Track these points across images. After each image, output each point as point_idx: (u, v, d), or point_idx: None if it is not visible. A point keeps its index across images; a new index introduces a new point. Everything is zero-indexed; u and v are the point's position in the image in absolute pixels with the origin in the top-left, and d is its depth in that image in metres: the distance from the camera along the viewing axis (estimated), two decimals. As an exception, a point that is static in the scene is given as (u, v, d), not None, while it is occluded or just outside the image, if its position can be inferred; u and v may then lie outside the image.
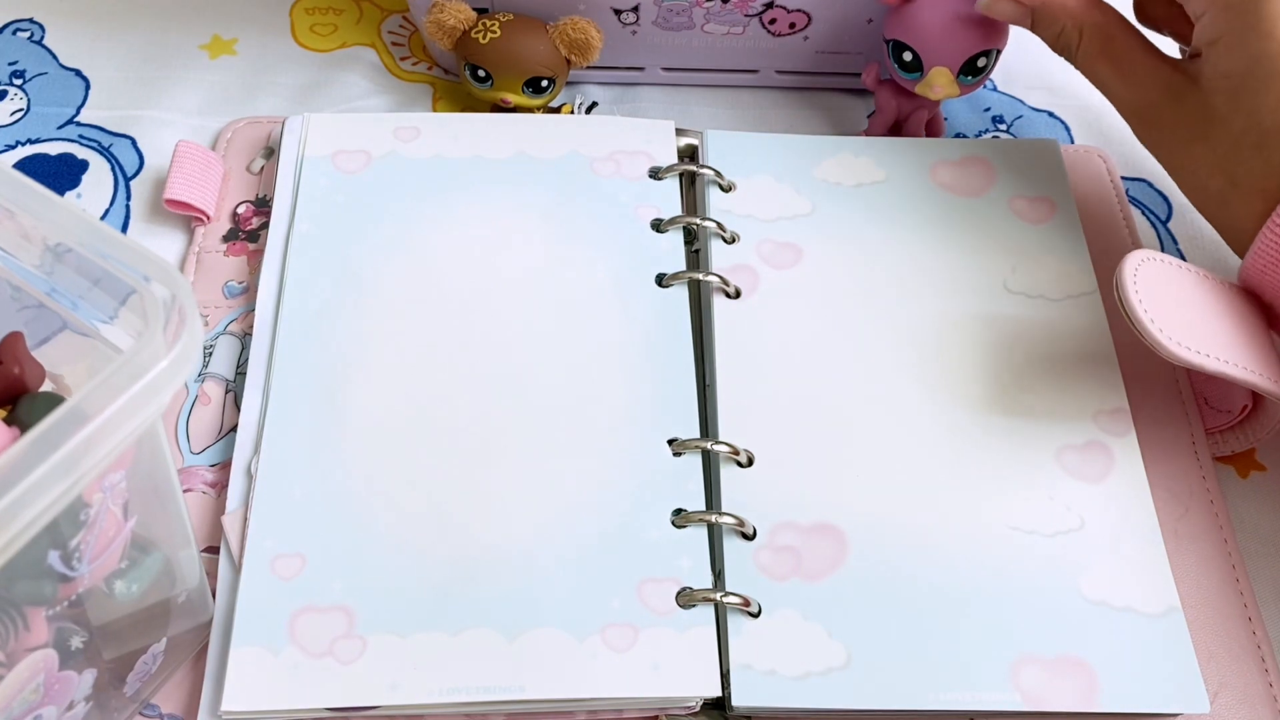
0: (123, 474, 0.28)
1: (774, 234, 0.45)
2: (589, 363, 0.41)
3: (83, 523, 0.27)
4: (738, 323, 0.43)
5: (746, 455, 0.40)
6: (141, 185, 0.48)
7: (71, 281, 0.28)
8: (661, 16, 0.49)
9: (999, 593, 0.37)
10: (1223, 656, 0.38)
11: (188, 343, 0.25)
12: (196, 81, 0.52)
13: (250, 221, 0.47)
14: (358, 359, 0.41)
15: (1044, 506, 0.39)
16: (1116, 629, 0.37)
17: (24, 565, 0.23)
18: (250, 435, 0.40)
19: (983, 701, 0.35)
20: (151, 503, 0.30)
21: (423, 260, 0.44)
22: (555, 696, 0.35)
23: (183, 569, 0.33)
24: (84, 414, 0.24)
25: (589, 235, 0.45)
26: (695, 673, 0.35)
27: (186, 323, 0.26)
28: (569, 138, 0.47)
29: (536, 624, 0.36)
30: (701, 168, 0.46)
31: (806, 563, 0.38)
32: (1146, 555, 0.38)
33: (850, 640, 0.36)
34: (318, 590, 0.36)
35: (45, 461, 0.23)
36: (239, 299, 0.44)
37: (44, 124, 0.50)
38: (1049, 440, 0.41)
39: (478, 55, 0.48)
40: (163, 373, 0.25)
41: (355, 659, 0.35)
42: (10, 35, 0.53)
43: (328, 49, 0.54)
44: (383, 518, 0.38)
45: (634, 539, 0.38)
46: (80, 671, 0.30)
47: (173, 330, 0.25)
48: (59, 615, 0.28)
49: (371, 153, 0.46)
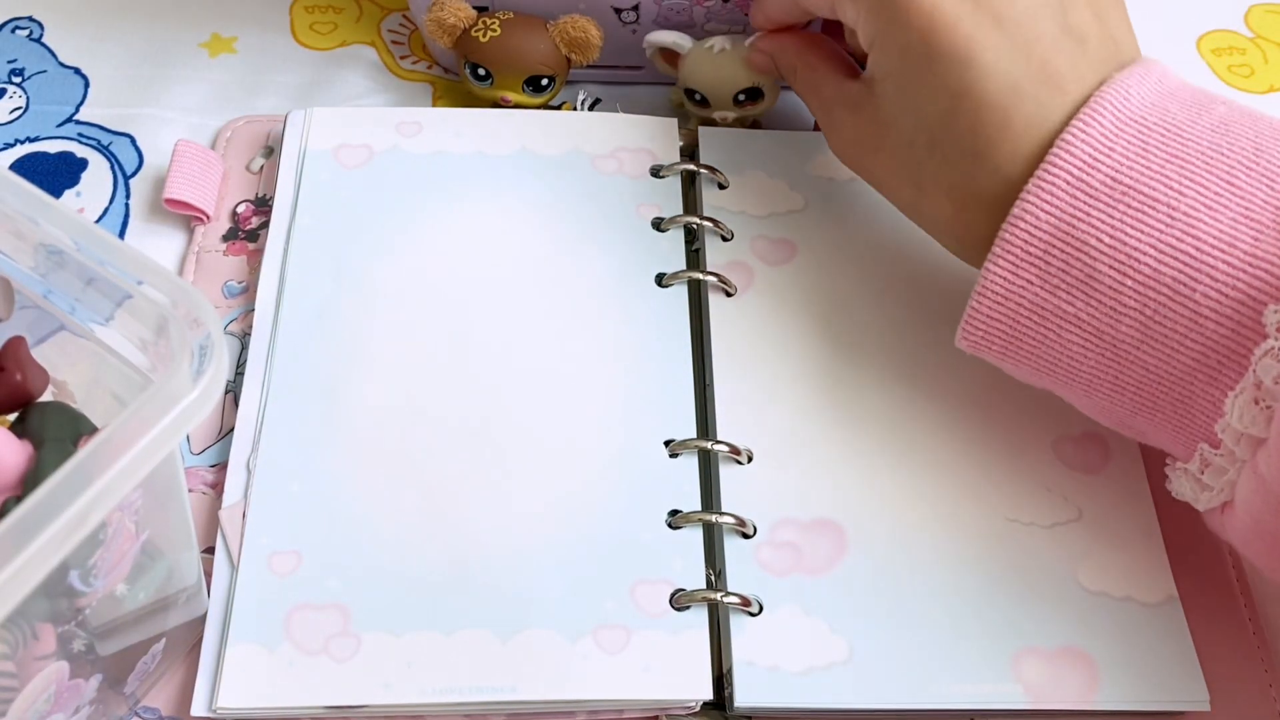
0: (140, 492, 0.28)
1: (768, 230, 0.45)
2: (587, 363, 0.41)
3: (101, 542, 0.27)
4: (734, 320, 0.43)
5: (746, 453, 0.40)
6: (141, 184, 0.48)
7: (69, 283, 0.28)
8: (662, 15, 0.49)
9: (998, 584, 0.37)
10: (1222, 655, 0.38)
11: (216, 371, 0.25)
12: (196, 80, 0.52)
13: (250, 221, 0.47)
14: (356, 355, 0.41)
15: (1041, 498, 0.39)
16: (1117, 619, 0.37)
17: (44, 586, 0.23)
18: (249, 431, 0.40)
19: (985, 694, 0.35)
20: (161, 513, 0.30)
21: (422, 256, 0.44)
22: (546, 698, 0.35)
23: (183, 569, 0.33)
24: (115, 447, 0.24)
25: (590, 233, 0.45)
26: (687, 675, 0.35)
27: (213, 351, 0.26)
28: (571, 134, 0.47)
29: (530, 625, 0.36)
30: (702, 166, 0.46)
31: (807, 558, 0.38)
32: (1144, 545, 0.39)
33: (852, 634, 0.36)
34: (314, 588, 0.36)
35: (79, 498, 0.23)
36: (239, 299, 0.44)
37: (43, 122, 0.50)
38: (1045, 431, 0.41)
39: (478, 54, 0.48)
40: (192, 404, 0.25)
41: (350, 657, 0.35)
42: (9, 33, 0.53)
43: (327, 47, 0.54)
44: (379, 515, 0.38)
45: (629, 541, 0.38)
46: (87, 678, 0.30)
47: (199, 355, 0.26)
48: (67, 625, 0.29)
49: (374, 147, 0.46)
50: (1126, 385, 0.35)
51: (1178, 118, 0.34)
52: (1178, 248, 0.32)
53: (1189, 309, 0.32)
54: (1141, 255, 0.33)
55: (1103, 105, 0.34)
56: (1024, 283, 0.35)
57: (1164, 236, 0.32)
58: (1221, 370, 0.32)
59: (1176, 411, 0.34)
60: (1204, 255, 0.32)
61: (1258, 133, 0.33)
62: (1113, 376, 0.35)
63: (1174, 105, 0.34)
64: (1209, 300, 0.32)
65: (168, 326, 0.26)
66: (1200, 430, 0.34)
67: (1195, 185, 0.33)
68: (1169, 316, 0.33)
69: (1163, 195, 0.33)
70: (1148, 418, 0.35)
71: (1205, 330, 0.32)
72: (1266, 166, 0.33)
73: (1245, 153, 0.33)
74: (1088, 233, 0.33)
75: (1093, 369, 0.35)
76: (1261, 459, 0.31)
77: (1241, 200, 0.32)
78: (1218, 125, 0.34)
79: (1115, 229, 0.33)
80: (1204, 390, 0.33)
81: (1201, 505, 0.35)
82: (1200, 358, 0.33)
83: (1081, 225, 0.33)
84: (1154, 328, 0.33)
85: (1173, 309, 0.33)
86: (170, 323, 0.26)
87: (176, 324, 0.26)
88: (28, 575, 0.23)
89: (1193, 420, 0.34)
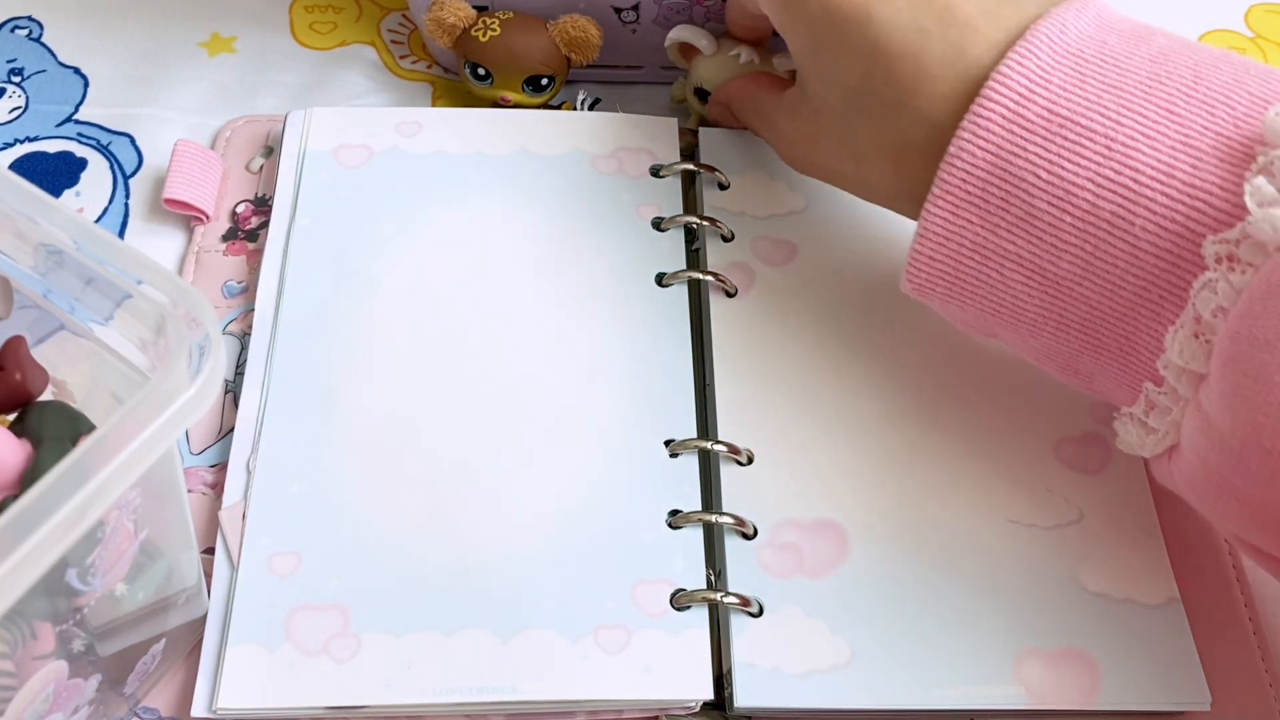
0: (138, 491, 0.28)
1: (768, 231, 0.45)
2: (587, 363, 0.41)
3: (99, 540, 0.27)
4: (735, 320, 0.43)
5: (747, 454, 0.40)
6: (141, 184, 0.48)
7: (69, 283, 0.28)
8: (662, 15, 0.49)
9: (1000, 586, 0.37)
10: (1223, 656, 0.38)
11: (213, 369, 0.25)
12: (196, 79, 0.52)
13: (249, 221, 0.47)
14: (356, 355, 0.41)
15: (1043, 499, 0.39)
16: (1118, 620, 0.37)
17: (42, 584, 0.23)
18: (249, 431, 0.40)
19: (986, 696, 0.35)
20: (160, 512, 0.30)
21: (422, 256, 0.44)
22: (547, 698, 0.35)
23: (183, 570, 0.33)
24: (112, 445, 0.24)
25: (590, 233, 0.45)
26: (687, 675, 0.35)
27: (211, 348, 0.26)
28: (571, 134, 0.47)
29: (530, 625, 0.36)
30: (702, 166, 0.46)
31: (808, 560, 0.38)
32: (1145, 546, 0.38)
33: (853, 636, 0.36)
34: (314, 588, 0.36)
35: (75, 495, 0.23)
36: (238, 299, 0.44)
37: (42, 122, 0.50)
38: (1047, 432, 0.41)
39: (477, 53, 0.48)
40: (189, 401, 0.25)
41: (350, 658, 0.35)
42: (9, 32, 0.53)
43: (327, 47, 0.54)
44: (379, 515, 0.38)
45: (629, 540, 0.38)
46: (86, 678, 0.30)
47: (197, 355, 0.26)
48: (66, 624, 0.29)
49: (373, 147, 0.46)
50: (1070, 323, 0.34)
51: (1116, 49, 0.34)
52: (1116, 180, 0.32)
53: (1128, 243, 0.32)
54: (1079, 189, 0.32)
55: (1038, 38, 0.33)
56: (964, 223, 0.34)
57: (1102, 169, 0.32)
58: (1163, 305, 0.32)
59: (1121, 349, 0.34)
60: (1142, 187, 0.31)
61: (1197, 61, 0.33)
62: (1056, 315, 0.34)
63: (1112, 38, 0.34)
64: (1147, 234, 0.31)
65: (166, 326, 0.26)
66: (1144, 369, 0.33)
67: (1133, 114, 0.32)
68: (1109, 251, 0.32)
69: (1100, 126, 0.32)
70: (1093, 357, 0.35)
71: (1145, 264, 0.32)
72: (1205, 93, 0.32)
73: (1184, 80, 0.32)
74: (1024, 168, 0.33)
75: (1036, 308, 0.35)
76: (1204, 395, 0.31)
77: (1180, 128, 0.32)
78: (1156, 55, 0.33)
79: (1052, 163, 0.32)
80: (1147, 326, 0.33)
81: (1147, 451, 0.35)
82: (1141, 292, 0.32)
83: (1018, 161, 0.33)
84: (1094, 263, 0.33)
85: (1112, 243, 0.32)
86: (168, 322, 0.26)
87: (174, 323, 0.26)
88: (24, 572, 0.23)
89: (1137, 358, 0.34)
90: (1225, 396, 0.30)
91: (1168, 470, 0.34)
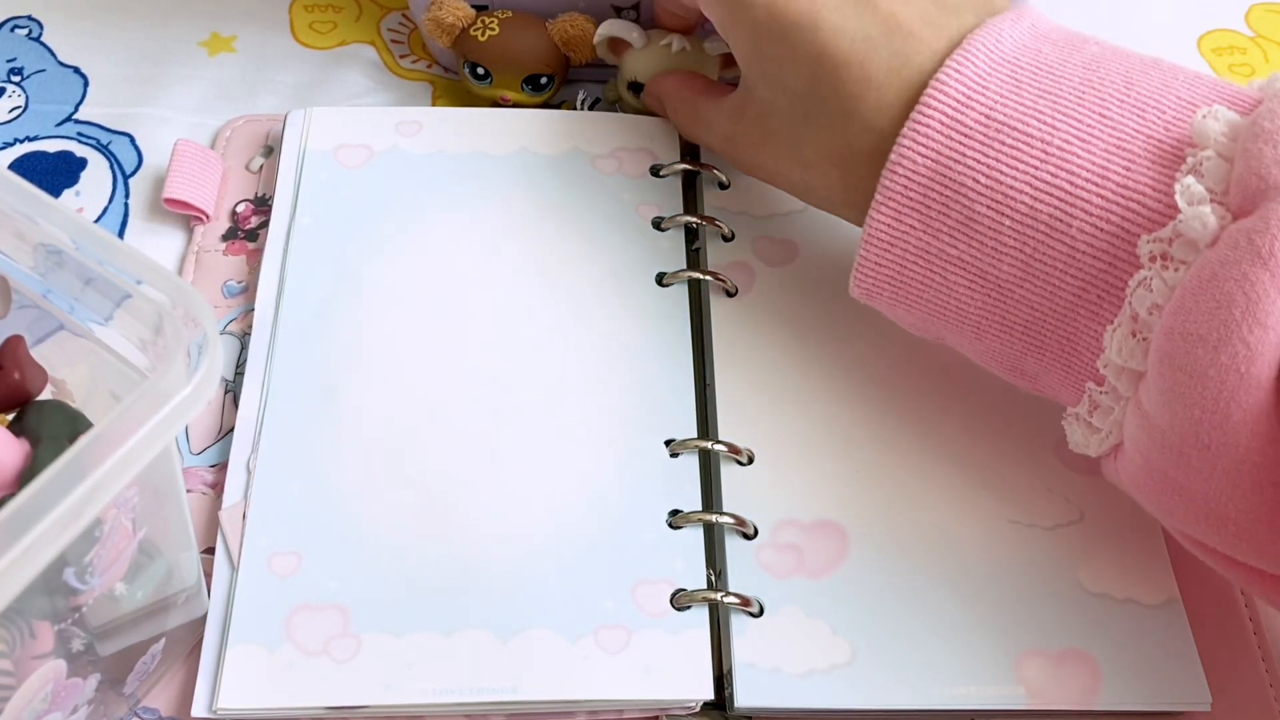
0: (136, 489, 0.28)
1: (769, 230, 0.45)
2: (588, 363, 0.41)
3: (97, 539, 0.27)
4: (736, 320, 0.43)
5: (747, 454, 0.40)
6: (140, 183, 0.48)
7: (69, 283, 0.28)
8: (661, 14, 0.49)
9: (1000, 586, 0.37)
10: (1224, 656, 0.38)
11: (210, 367, 0.26)
12: (195, 79, 0.52)
13: (249, 220, 0.46)
14: (356, 355, 0.41)
15: (1043, 499, 0.39)
16: (1119, 620, 0.37)
17: (39, 582, 0.23)
18: (249, 431, 0.39)
19: (987, 696, 0.35)
20: (159, 511, 0.30)
21: (422, 256, 0.44)
22: (547, 698, 0.35)
23: (182, 569, 0.33)
24: (108, 442, 0.24)
25: (590, 233, 0.45)
26: (687, 675, 0.35)
27: (208, 346, 0.26)
28: (571, 134, 0.47)
29: (530, 625, 0.36)
30: (702, 165, 0.46)
31: (809, 560, 0.38)
32: (1146, 546, 0.38)
33: (853, 636, 0.36)
34: (314, 588, 0.36)
35: (72, 493, 0.23)
36: (238, 299, 0.44)
37: (42, 121, 0.50)
38: (1047, 433, 0.40)
39: (477, 53, 0.48)
40: (186, 399, 0.25)
41: (350, 658, 0.35)
42: (8, 32, 0.53)
43: (327, 46, 0.54)
44: (379, 515, 0.38)
45: (629, 540, 0.38)
46: (85, 677, 0.30)
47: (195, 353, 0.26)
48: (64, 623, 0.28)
49: (373, 147, 0.46)
50: (1014, 325, 0.35)
51: (1050, 57, 0.34)
52: (1052, 183, 0.32)
53: (1066, 244, 0.32)
54: (1017, 193, 0.33)
55: (975, 47, 0.34)
56: (907, 228, 0.35)
57: (1039, 172, 0.33)
58: (1101, 305, 0.33)
59: (1063, 350, 0.34)
60: (1078, 189, 0.32)
61: (1129, 67, 0.34)
62: (999, 317, 0.35)
63: (1047, 46, 0.35)
64: (1084, 235, 0.32)
65: (164, 325, 0.26)
66: (1086, 369, 0.34)
67: (1068, 119, 0.33)
68: (1047, 253, 0.33)
69: (1036, 130, 0.33)
70: (1037, 358, 0.35)
71: (1083, 265, 0.32)
72: (1137, 98, 0.33)
73: (1116, 86, 0.33)
74: (964, 173, 0.33)
75: (980, 310, 0.35)
76: (1143, 392, 0.31)
77: (1113, 131, 0.32)
78: (1089, 62, 0.34)
79: (991, 168, 0.33)
80: (1086, 326, 0.33)
81: (1093, 450, 0.35)
82: (1080, 292, 0.33)
83: (958, 166, 0.33)
84: (1034, 265, 0.33)
85: (1050, 245, 0.33)
86: (167, 321, 0.26)
87: (173, 322, 0.26)
88: (22, 570, 0.23)
89: (1079, 358, 0.34)
90: (1163, 393, 0.30)
91: (1114, 469, 0.35)
